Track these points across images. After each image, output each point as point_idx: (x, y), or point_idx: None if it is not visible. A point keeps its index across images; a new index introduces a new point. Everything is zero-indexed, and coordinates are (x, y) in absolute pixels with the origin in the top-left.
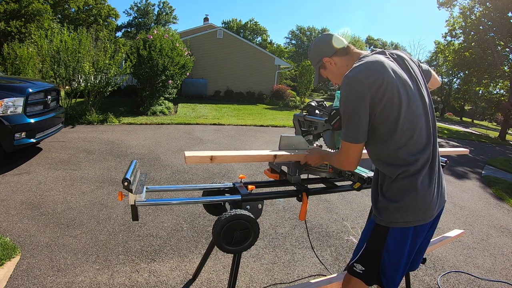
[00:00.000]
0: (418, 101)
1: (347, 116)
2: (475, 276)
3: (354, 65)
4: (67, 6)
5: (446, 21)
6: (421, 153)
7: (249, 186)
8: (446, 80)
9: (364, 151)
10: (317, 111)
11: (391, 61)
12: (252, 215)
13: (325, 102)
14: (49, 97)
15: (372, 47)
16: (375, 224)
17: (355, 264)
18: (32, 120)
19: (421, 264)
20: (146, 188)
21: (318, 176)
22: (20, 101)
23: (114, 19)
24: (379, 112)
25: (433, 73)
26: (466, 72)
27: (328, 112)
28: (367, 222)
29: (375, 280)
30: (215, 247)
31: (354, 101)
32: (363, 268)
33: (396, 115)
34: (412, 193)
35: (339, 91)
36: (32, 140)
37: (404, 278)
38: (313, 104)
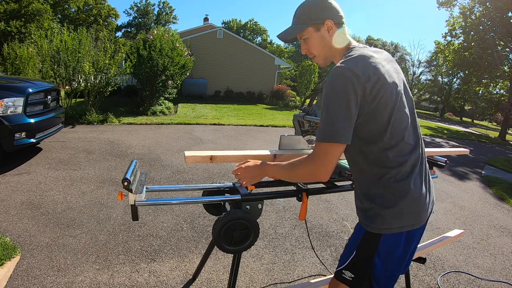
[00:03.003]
0: (405, 103)
1: (334, 111)
2: (475, 276)
3: (347, 56)
4: (67, 6)
5: (446, 21)
6: (409, 154)
7: (249, 186)
8: (446, 80)
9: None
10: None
11: (383, 59)
12: (252, 215)
13: None
14: (49, 97)
15: (372, 46)
16: (365, 231)
17: (343, 271)
18: (32, 120)
19: (421, 264)
20: (146, 188)
21: None
22: (20, 101)
23: (114, 19)
24: (371, 110)
25: None
26: (466, 72)
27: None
28: (355, 227)
29: (364, 287)
30: (215, 247)
31: (347, 94)
32: (353, 275)
33: (388, 114)
34: (406, 197)
35: None
36: (32, 140)
37: (404, 278)
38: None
